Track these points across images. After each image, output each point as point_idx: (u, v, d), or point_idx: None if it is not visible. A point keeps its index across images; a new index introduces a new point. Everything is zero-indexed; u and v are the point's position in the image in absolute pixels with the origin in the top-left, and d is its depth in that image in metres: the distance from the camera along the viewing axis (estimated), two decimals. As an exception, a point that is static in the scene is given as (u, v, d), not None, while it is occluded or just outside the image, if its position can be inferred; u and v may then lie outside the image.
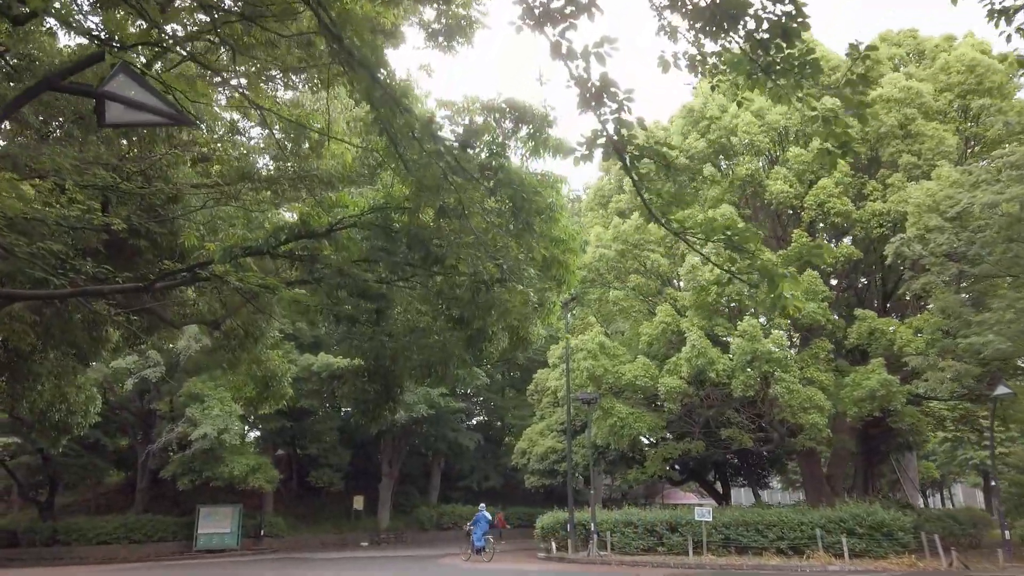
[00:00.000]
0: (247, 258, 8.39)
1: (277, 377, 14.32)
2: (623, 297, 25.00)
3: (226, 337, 14.90)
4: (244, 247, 7.88)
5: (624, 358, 24.42)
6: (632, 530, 23.90)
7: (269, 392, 14.42)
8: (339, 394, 13.51)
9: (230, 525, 33.34)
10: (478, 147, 6.49)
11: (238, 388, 14.88)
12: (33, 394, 17.78)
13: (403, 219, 7.45)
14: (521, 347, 13.05)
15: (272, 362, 14.36)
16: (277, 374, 14.31)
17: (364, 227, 7.58)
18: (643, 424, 24.20)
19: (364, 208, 7.53)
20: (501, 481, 45.20)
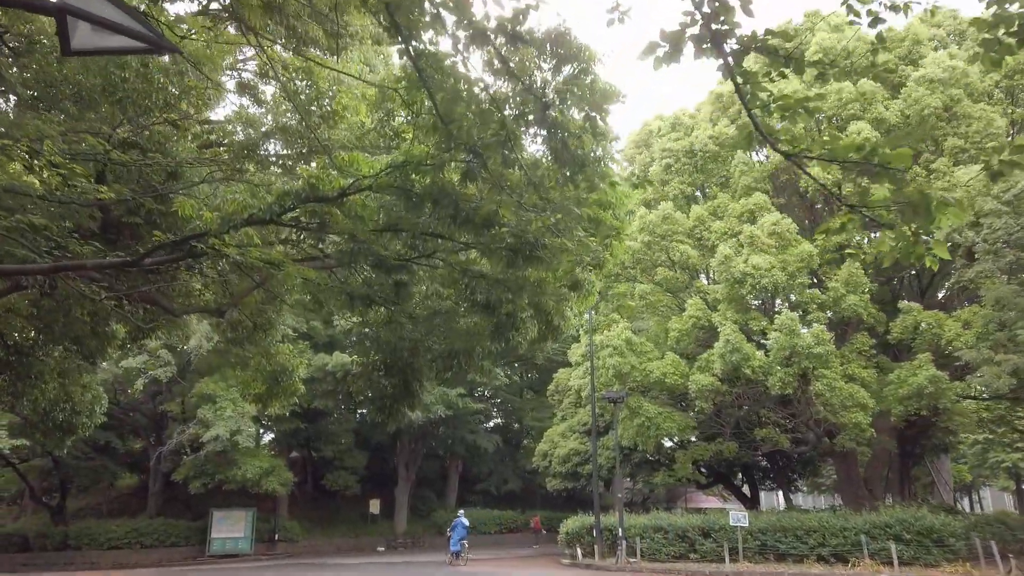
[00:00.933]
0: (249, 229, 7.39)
1: (288, 372, 13.32)
2: (650, 291, 23.84)
3: (233, 329, 13.97)
4: (245, 217, 6.87)
5: (652, 355, 23.27)
6: (662, 536, 22.70)
7: (279, 388, 13.43)
8: (353, 390, 12.41)
9: (244, 529, 32.49)
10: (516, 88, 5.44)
11: (246, 384, 13.89)
12: (35, 392, 16.98)
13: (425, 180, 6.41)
14: (551, 336, 11.98)
15: (282, 355, 13.37)
16: (287, 368, 13.31)
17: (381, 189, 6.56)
18: (672, 424, 23.03)
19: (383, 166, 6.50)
20: (520, 484, 44.08)
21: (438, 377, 12.10)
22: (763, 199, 22.68)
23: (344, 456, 36.57)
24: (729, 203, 23.64)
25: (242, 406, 29.23)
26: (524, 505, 45.18)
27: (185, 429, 29.73)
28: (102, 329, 15.79)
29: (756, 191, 23.10)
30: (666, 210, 23.23)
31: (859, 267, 21.01)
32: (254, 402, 14.11)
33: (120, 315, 14.65)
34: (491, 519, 41.51)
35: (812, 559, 20.41)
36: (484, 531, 40.97)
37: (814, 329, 20.02)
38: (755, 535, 21.55)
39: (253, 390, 13.78)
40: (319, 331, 34.29)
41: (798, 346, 19.59)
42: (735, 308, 21.48)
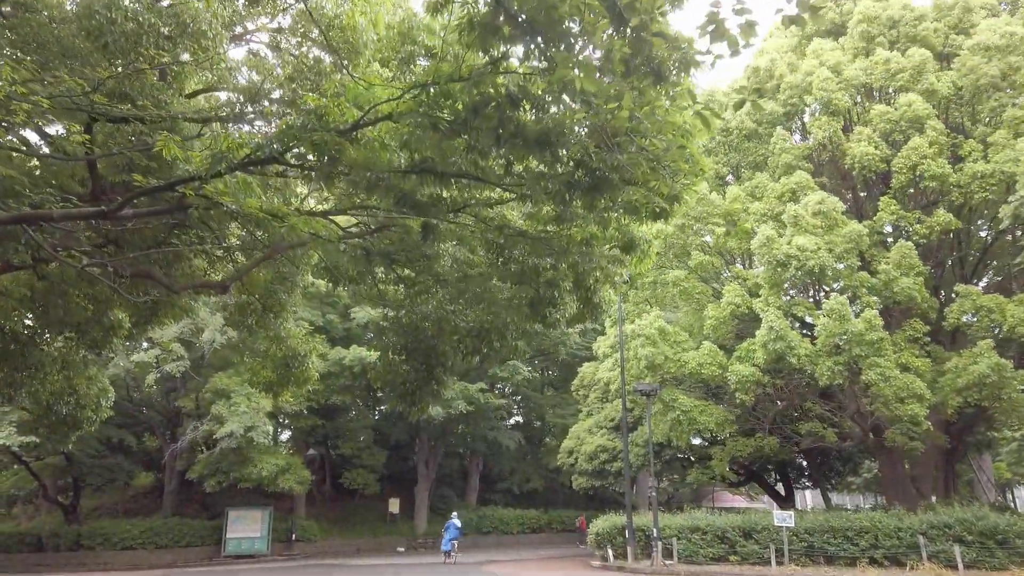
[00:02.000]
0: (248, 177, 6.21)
1: (299, 357, 12.18)
2: (683, 278, 22.47)
3: (241, 312, 12.85)
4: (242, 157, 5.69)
5: (687, 344, 21.91)
6: (700, 536, 21.34)
7: (290, 374, 12.28)
8: (372, 377, 11.13)
9: (260, 529, 31.53)
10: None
11: (255, 371, 12.75)
12: (35, 384, 15.99)
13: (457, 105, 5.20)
14: (590, 315, 10.74)
15: (294, 339, 12.23)
16: (299, 353, 12.16)
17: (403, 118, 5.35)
18: (709, 418, 21.66)
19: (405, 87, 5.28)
20: (542, 483, 42.80)
21: (465, 360, 10.89)
22: (805, 178, 21.25)
23: (363, 454, 35.50)
24: (768, 183, 22.23)
25: (257, 401, 28.23)
26: (547, 504, 43.92)
27: (199, 425, 28.78)
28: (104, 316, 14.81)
29: (797, 170, 21.66)
30: (702, 192, 21.85)
31: (911, 247, 19.52)
32: (263, 391, 12.96)
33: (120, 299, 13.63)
34: (513, 519, 40.27)
35: (864, 562, 18.98)
36: (506, 531, 39.75)
37: (865, 314, 18.57)
38: (801, 536, 20.15)
39: (262, 378, 12.64)
40: (336, 324, 33.25)
41: (849, 332, 18.16)
42: (777, 293, 20.08)
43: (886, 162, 20.86)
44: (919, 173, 20.07)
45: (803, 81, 22.35)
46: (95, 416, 17.29)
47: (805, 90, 22.26)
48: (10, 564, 31.05)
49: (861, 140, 21.00)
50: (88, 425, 17.44)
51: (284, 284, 12.67)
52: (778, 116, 22.92)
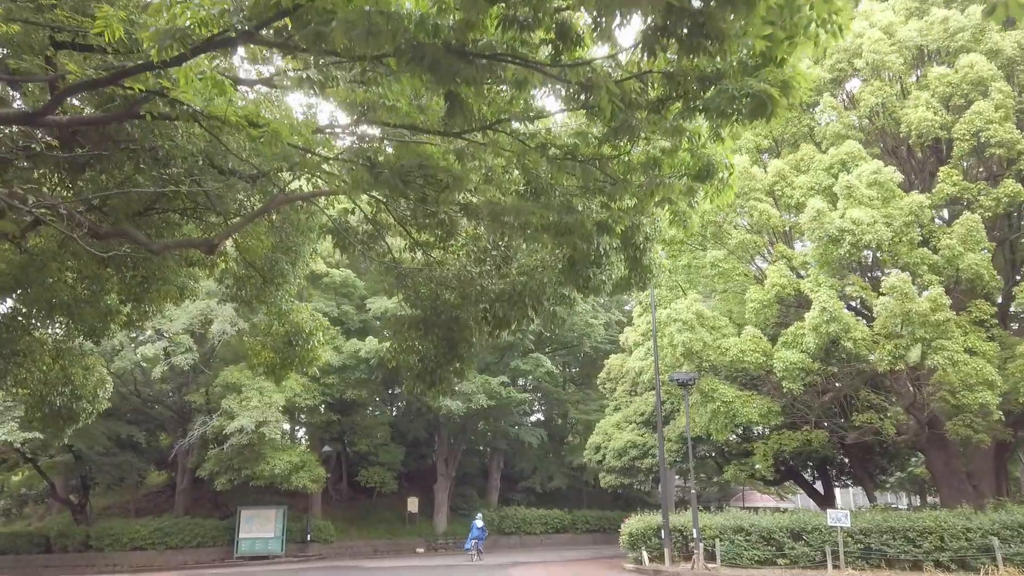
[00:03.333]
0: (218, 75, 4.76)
1: (303, 334, 10.72)
2: (722, 258, 20.80)
3: (239, 286, 11.45)
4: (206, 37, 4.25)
5: (726, 330, 20.25)
6: (744, 538, 19.67)
7: (294, 354, 10.83)
8: (387, 357, 9.58)
9: (274, 529, 30.27)
10: None
11: (254, 351, 11.32)
12: (22, 371, 14.71)
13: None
14: (638, 281, 9.20)
15: (297, 314, 10.78)
16: (304, 330, 10.72)
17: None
18: (752, 410, 20.00)
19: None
20: (565, 482, 41.19)
21: (492, 333, 9.36)
22: (856, 147, 19.52)
23: (380, 451, 34.11)
24: (814, 155, 20.51)
25: (269, 395, 26.95)
26: (570, 504, 42.30)
27: (207, 420, 27.51)
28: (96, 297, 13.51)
29: (847, 139, 19.93)
30: (742, 164, 20.19)
31: (978, 220, 17.74)
32: (264, 374, 11.52)
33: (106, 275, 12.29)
34: (536, 519, 38.74)
35: (930, 565, 17.24)
36: (529, 532, 38.24)
37: (931, 293, 16.83)
38: (856, 537, 18.42)
39: (262, 359, 11.21)
40: (351, 316, 31.92)
41: (912, 313, 16.41)
42: (829, 272, 18.36)
43: (945, 129, 19.08)
44: (983, 140, 18.28)
45: (852, 44, 20.61)
46: (92, 408, 16.07)
47: (854, 54, 20.54)
48: (18, 565, 30.05)
49: (918, 105, 19.23)
50: (85, 418, 16.25)
51: (288, 254, 11.25)
52: (824, 83, 21.20)
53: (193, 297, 14.57)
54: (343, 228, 9.80)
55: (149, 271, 11.86)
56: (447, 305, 9.44)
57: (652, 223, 8.89)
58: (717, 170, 5.99)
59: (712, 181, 6.03)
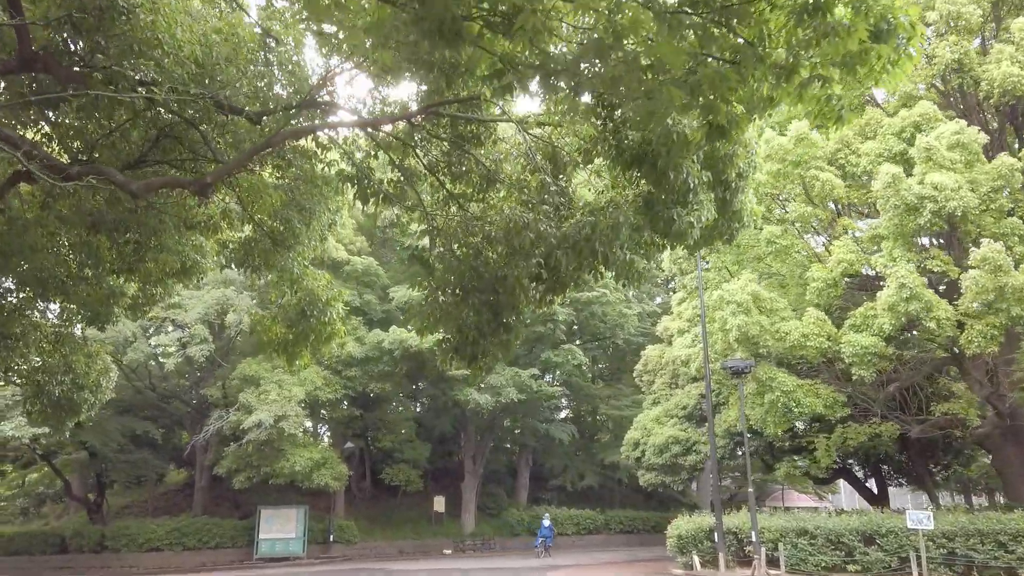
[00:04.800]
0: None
1: (319, 303, 9.11)
2: (779, 234, 18.92)
3: (245, 251, 9.88)
4: None
5: (784, 313, 18.39)
6: (808, 541, 17.81)
7: (309, 329, 9.22)
8: (416, 328, 7.85)
9: (295, 529, 28.89)
10: None
11: (263, 327, 9.72)
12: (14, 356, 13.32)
13: None
14: (728, 227, 7.50)
15: (311, 279, 9.18)
16: (320, 299, 9.11)
17: None
18: (815, 400, 18.12)
19: None
20: (597, 480, 39.38)
21: (544, 297, 7.67)
22: (931, 108, 17.56)
23: (404, 448, 32.55)
24: (882, 118, 18.58)
25: (289, 389, 25.53)
26: (602, 504, 40.48)
27: (223, 415, 26.13)
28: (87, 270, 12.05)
29: (920, 100, 17.98)
30: (800, 131, 18.30)
31: (1076, 184, 15.74)
32: (276, 353, 9.92)
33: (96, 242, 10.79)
34: (568, 519, 36.99)
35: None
36: (560, 532, 36.45)
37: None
38: (936, 541, 16.48)
39: (272, 335, 9.61)
40: (374, 306, 30.42)
41: (1008, 288, 14.46)
42: (905, 245, 16.43)
43: (1036, 83, 17.06)
44: (1079, 95, 16.28)
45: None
46: (94, 399, 14.66)
47: (927, 6, 18.55)
48: (33, 566, 28.99)
49: (1002, 60, 17.23)
50: (87, 409, 14.86)
51: (301, 213, 9.65)
52: (892, 38, 19.21)
53: (200, 275, 13.06)
54: (363, 175, 8.17)
55: (143, 236, 10.34)
56: (490, 264, 7.78)
57: (747, 156, 7.18)
58: (895, 31, 4.29)
59: (887, 41, 4.31)
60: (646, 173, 6.25)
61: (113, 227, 10.55)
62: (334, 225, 11.15)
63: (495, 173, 8.36)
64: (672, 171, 6.12)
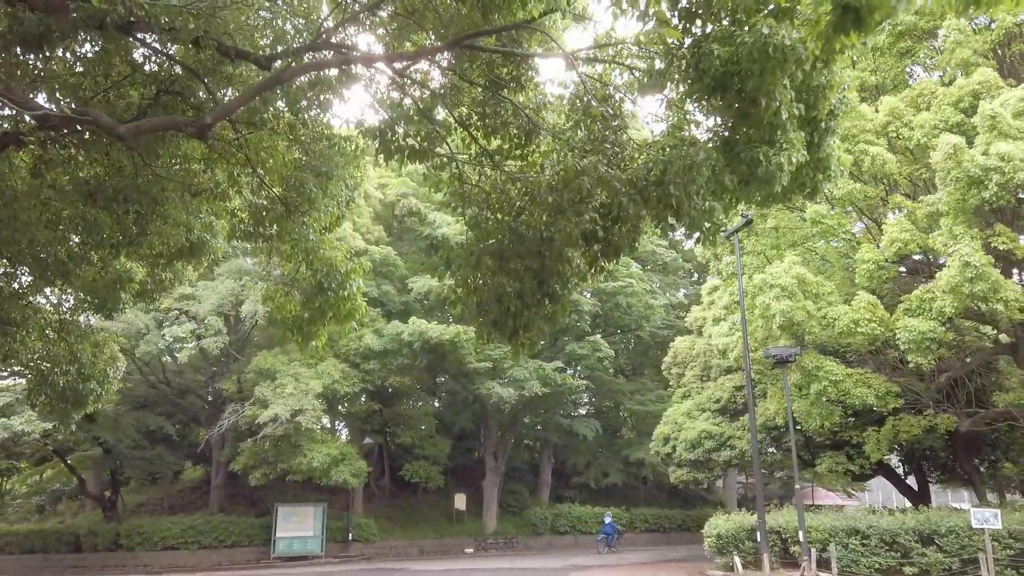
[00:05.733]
0: None
1: (337, 275, 8.11)
2: (825, 213, 17.72)
3: (256, 221, 8.90)
4: None
5: (832, 297, 17.19)
6: (860, 542, 16.62)
7: (327, 304, 8.22)
8: (451, 300, 6.75)
9: (313, 527, 28.04)
10: None
11: (276, 304, 8.71)
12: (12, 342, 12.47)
13: None
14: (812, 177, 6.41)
15: (328, 248, 8.19)
16: (337, 268, 8.11)
17: None
18: (867, 390, 16.91)
19: None
20: (622, 477, 38.22)
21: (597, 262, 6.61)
22: (992, 75, 16.31)
23: (424, 444, 31.61)
24: (936, 88, 17.31)
25: (306, 382, 24.64)
26: (626, 502, 39.34)
27: (239, 409, 25.30)
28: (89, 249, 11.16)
29: (978, 67, 16.71)
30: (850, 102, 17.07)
31: None
32: (290, 332, 8.92)
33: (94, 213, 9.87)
34: (592, 517, 35.87)
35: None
36: (584, 531, 35.41)
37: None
38: (1003, 541, 15.24)
39: (286, 312, 8.62)
40: (392, 297, 29.49)
41: (1087, 265, 13.25)
42: (967, 222, 15.18)
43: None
44: None
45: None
46: (101, 390, 13.82)
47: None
48: (47, 565, 28.40)
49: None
50: (94, 401, 14.03)
51: (318, 177, 8.66)
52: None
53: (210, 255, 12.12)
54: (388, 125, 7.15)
55: (144, 207, 9.41)
56: (533, 225, 6.73)
57: (839, 93, 6.08)
58: None
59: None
60: (729, 102, 5.18)
61: (112, 197, 9.65)
62: (352, 202, 10.17)
63: (536, 124, 7.31)
64: (764, 98, 5.04)
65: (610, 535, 31.38)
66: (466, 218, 7.61)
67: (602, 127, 6.36)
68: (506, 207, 7.27)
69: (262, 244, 8.68)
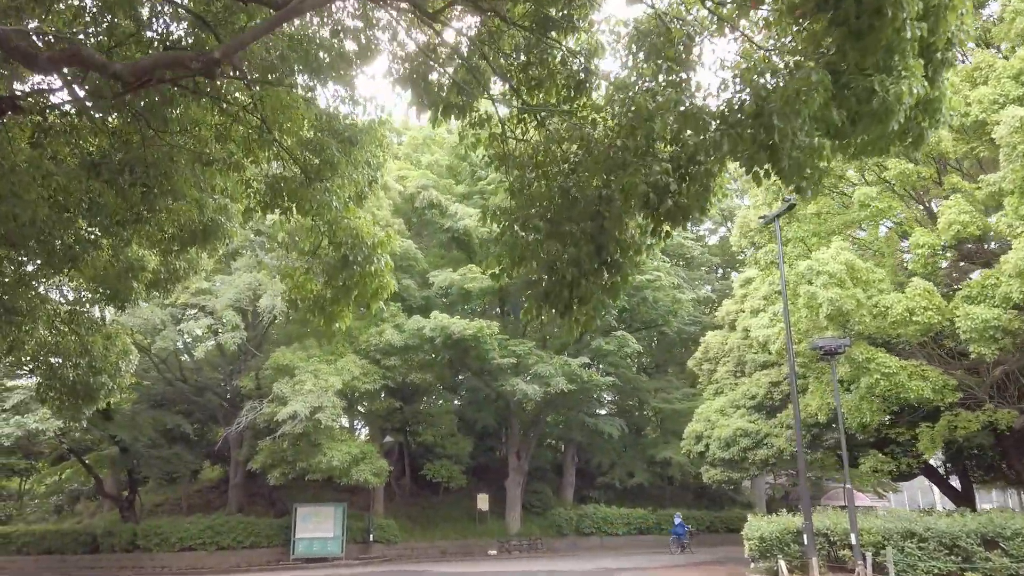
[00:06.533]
0: None
1: (363, 249, 7.25)
2: (875, 195, 16.65)
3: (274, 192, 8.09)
4: None
5: (883, 284, 16.13)
6: (917, 545, 15.53)
7: (351, 278, 7.36)
8: (489, 264, 5.82)
9: (333, 528, 27.32)
10: None
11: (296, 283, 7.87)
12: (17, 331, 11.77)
13: None
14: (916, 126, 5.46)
15: (353, 217, 7.34)
16: (363, 239, 7.25)
17: None
18: (923, 383, 15.83)
19: None
20: (647, 478, 37.14)
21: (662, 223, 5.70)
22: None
23: (446, 443, 30.76)
24: (995, 61, 16.19)
25: (325, 378, 23.89)
26: (652, 502, 38.25)
27: (257, 407, 24.60)
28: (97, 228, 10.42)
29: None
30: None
31: None
32: (312, 314, 8.06)
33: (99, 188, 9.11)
34: (618, 518, 34.88)
35: None
36: (610, 532, 34.43)
37: None
38: (1077, 547, 14.15)
39: (307, 291, 7.77)
40: (413, 292, 28.69)
41: None
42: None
43: None
44: None
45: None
46: (113, 384, 13.09)
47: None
48: (63, 566, 27.90)
49: None
50: (105, 395, 13.30)
51: (341, 142, 7.81)
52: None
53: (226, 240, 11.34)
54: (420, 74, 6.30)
55: (152, 179, 8.61)
56: (587, 185, 5.84)
57: (958, 19, 5.13)
58: None
59: None
60: (845, 14, 4.25)
61: (117, 170, 8.88)
62: (375, 183, 9.33)
63: (590, 71, 6.42)
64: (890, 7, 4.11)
65: (681, 535, 31.13)
66: (509, 182, 6.72)
67: (672, 68, 5.45)
68: (554, 168, 6.39)
69: (281, 218, 7.83)
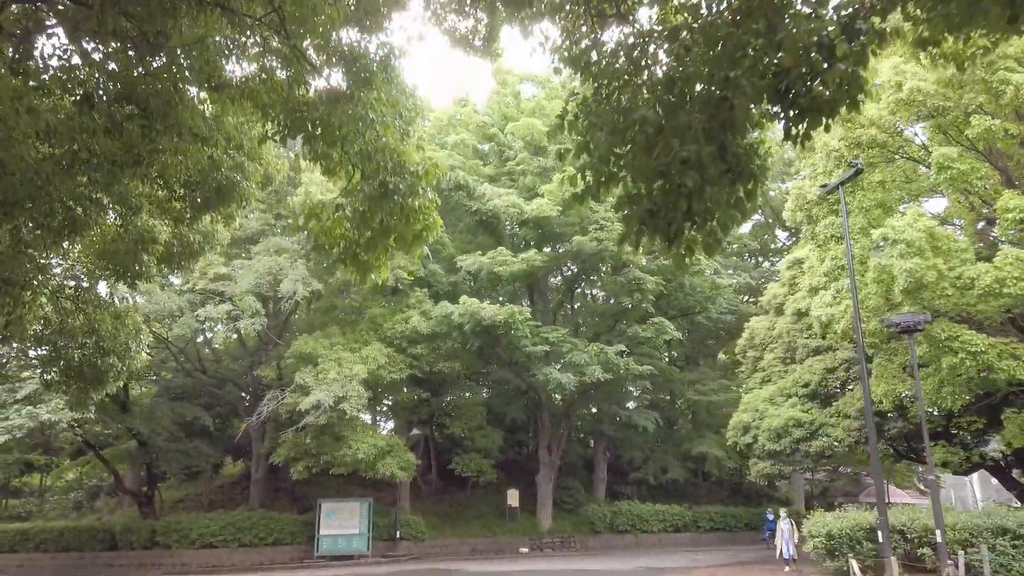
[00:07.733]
0: None
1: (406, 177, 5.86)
2: (955, 156, 15.02)
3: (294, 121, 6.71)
4: None
5: (967, 254, 14.52)
6: (1010, 542, 13.93)
7: (390, 215, 5.99)
8: (571, 179, 4.36)
9: (358, 525, 26.13)
10: None
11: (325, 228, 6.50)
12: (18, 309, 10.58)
13: None
14: None
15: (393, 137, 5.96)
16: (404, 165, 5.87)
17: None
18: (1014, 363, 14.20)
19: None
20: (682, 473, 35.52)
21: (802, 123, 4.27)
22: None
23: (475, 435, 29.43)
24: None
25: (350, 367, 22.65)
26: (687, 499, 36.63)
27: (278, 396, 23.43)
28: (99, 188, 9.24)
29: None
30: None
31: None
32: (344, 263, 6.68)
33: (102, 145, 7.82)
34: (652, 515, 33.28)
35: None
36: (645, 530, 32.85)
37: None
38: None
39: (336, 236, 6.39)
40: (440, 277, 27.39)
41: None
42: None
43: None
44: None
45: None
46: (123, 366, 11.91)
47: None
48: (81, 563, 27.01)
49: None
50: (114, 378, 12.16)
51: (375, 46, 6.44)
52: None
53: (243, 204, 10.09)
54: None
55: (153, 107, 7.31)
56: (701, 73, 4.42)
57: None
58: None
59: None
60: None
61: (113, 100, 7.61)
62: (407, 136, 7.97)
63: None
64: None
65: (773, 530, 29.46)
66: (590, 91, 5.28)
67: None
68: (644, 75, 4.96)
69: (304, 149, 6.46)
